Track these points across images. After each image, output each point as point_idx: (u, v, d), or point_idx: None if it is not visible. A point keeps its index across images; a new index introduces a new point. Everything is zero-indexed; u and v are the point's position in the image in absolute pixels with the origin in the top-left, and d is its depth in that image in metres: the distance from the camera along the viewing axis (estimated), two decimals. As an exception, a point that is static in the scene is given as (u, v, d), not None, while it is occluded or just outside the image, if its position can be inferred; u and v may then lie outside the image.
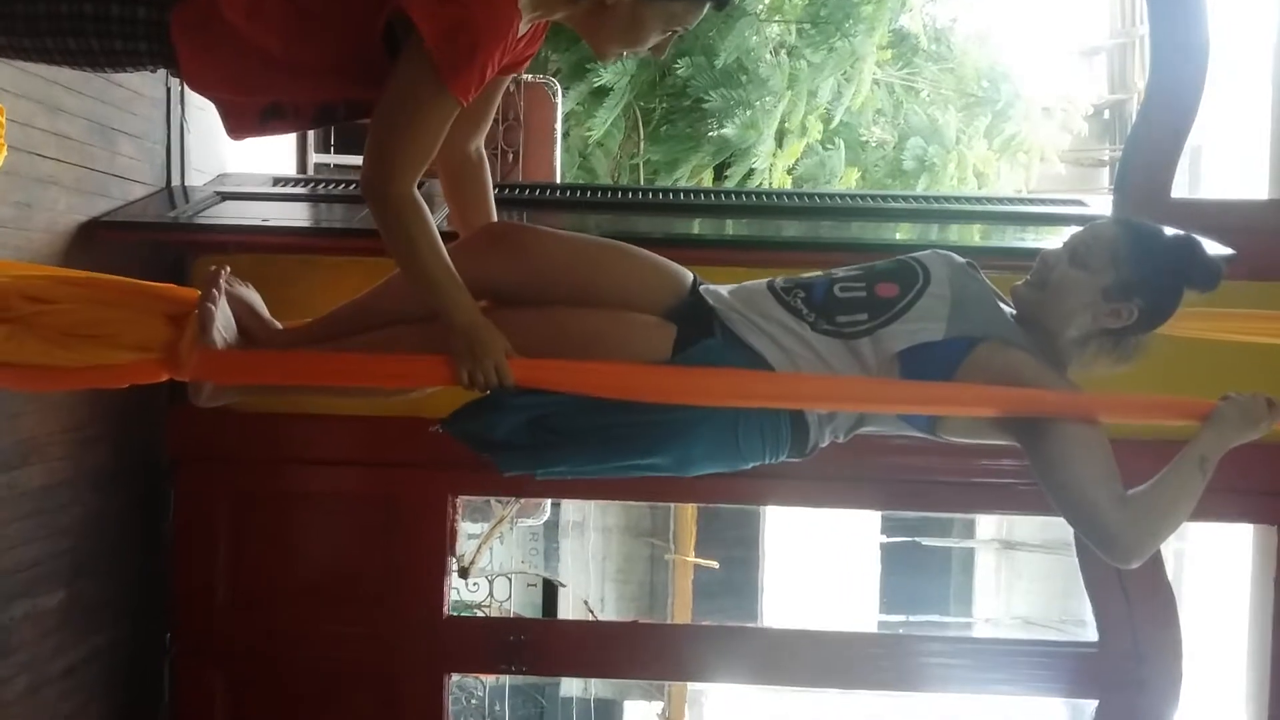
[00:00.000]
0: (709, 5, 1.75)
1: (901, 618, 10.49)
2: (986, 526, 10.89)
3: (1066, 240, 1.87)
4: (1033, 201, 4.21)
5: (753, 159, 6.82)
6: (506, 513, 5.40)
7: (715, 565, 8.84)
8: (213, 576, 3.43)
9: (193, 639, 3.43)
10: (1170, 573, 3.49)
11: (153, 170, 3.53)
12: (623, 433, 1.81)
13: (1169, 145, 3.32)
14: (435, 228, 1.71)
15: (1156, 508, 1.68)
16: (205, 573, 3.42)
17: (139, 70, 1.80)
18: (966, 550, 11.13)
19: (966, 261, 1.90)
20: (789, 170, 7.15)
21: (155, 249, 3.25)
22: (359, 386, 1.97)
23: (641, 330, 1.83)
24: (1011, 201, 4.47)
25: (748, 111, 6.72)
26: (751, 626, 7.89)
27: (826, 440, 1.89)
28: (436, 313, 1.74)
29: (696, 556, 8.77)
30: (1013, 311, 1.88)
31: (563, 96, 5.62)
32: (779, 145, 6.96)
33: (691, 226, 3.77)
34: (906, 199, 4.15)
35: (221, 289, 1.86)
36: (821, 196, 4.06)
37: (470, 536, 5.68)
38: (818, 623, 7.47)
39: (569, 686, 9.06)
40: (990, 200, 4.33)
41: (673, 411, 1.78)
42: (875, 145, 7.74)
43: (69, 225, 3.00)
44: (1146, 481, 1.72)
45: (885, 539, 10.44)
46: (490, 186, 2.03)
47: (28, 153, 2.75)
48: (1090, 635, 3.48)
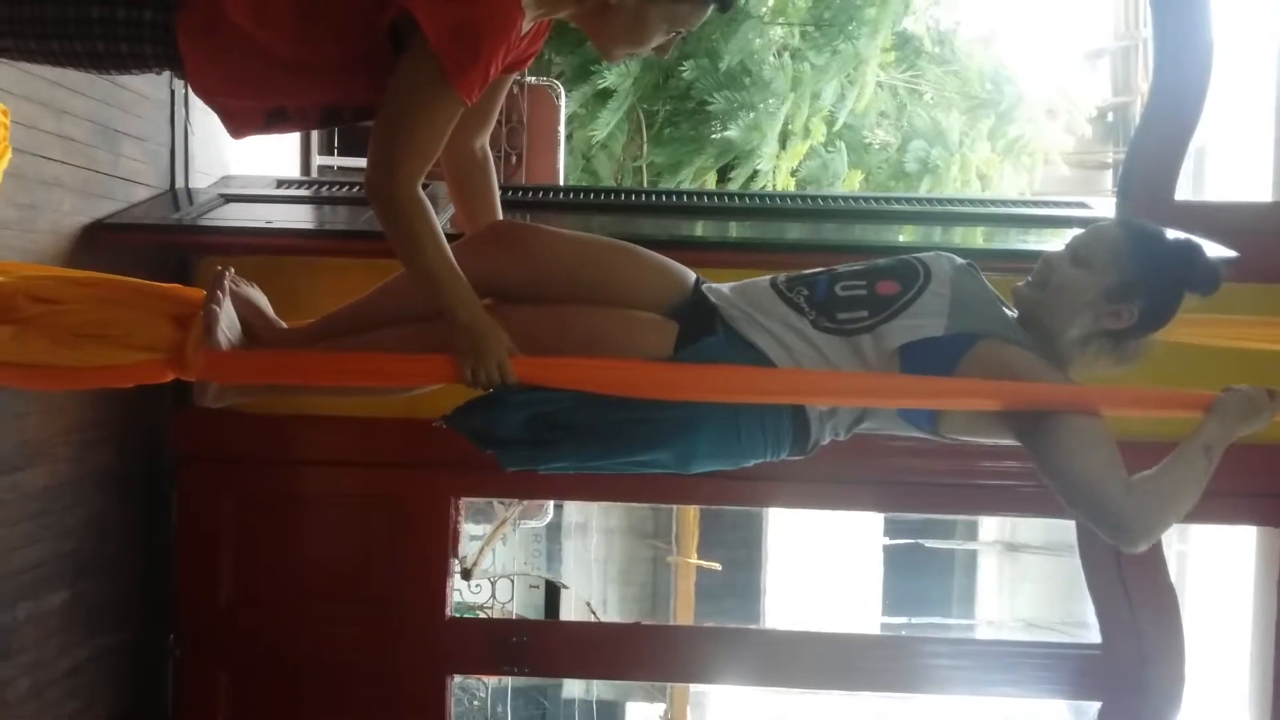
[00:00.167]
0: (713, 6, 1.76)
1: (904, 620, 10.49)
2: (989, 529, 10.88)
3: (1069, 242, 1.88)
4: (1036, 204, 4.21)
5: (756, 161, 6.82)
6: (509, 514, 5.40)
7: (718, 567, 8.84)
8: (216, 577, 3.43)
9: (196, 639, 3.44)
10: (1173, 575, 3.49)
11: (157, 172, 3.53)
12: (625, 429, 1.81)
13: (1173, 148, 3.32)
14: (439, 226, 1.72)
15: (1162, 491, 1.68)
16: (208, 574, 3.43)
17: (144, 73, 1.81)
18: (969, 552, 11.13)
19: (967, 263, 1.91)
20: (792, 172, 7.15)
21: (159, 251, 3.26)
22: (363, 386, 1.98)
23: (644, 328, 1.83)
24: (1015, 204, 4.46)
25: (751, 114, 6.72)
26: (754, 628, 7.88)
27: (828, 438, 1.89)
28: (440, 311, 1.75)
29: (699, 558, 8.77)
30: (1014, 314, 1.89)
31: (566, 99, 5.63)
32: (782, 147, 6.96)
33: (695, 229, 3.78)
34: (910, 201, 4.15)
35: (226, 289, 1.86)
36: (825, 199, 4.06)
37: (473, 538, 5.69)
38: (820, 624, 7.46)
39: (571, 688, 9.06)
40: (994, 202, 4.33)
41: (675, 408, 1.79)
42: (879, 147, 7.74)
43: (73, 227, 3.01)
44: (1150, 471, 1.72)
45: (888, 541, 10.44)
46: (495, 185, 2.03)
47: (32, 155, 2.76)
48: (1093, 637, 3.47)
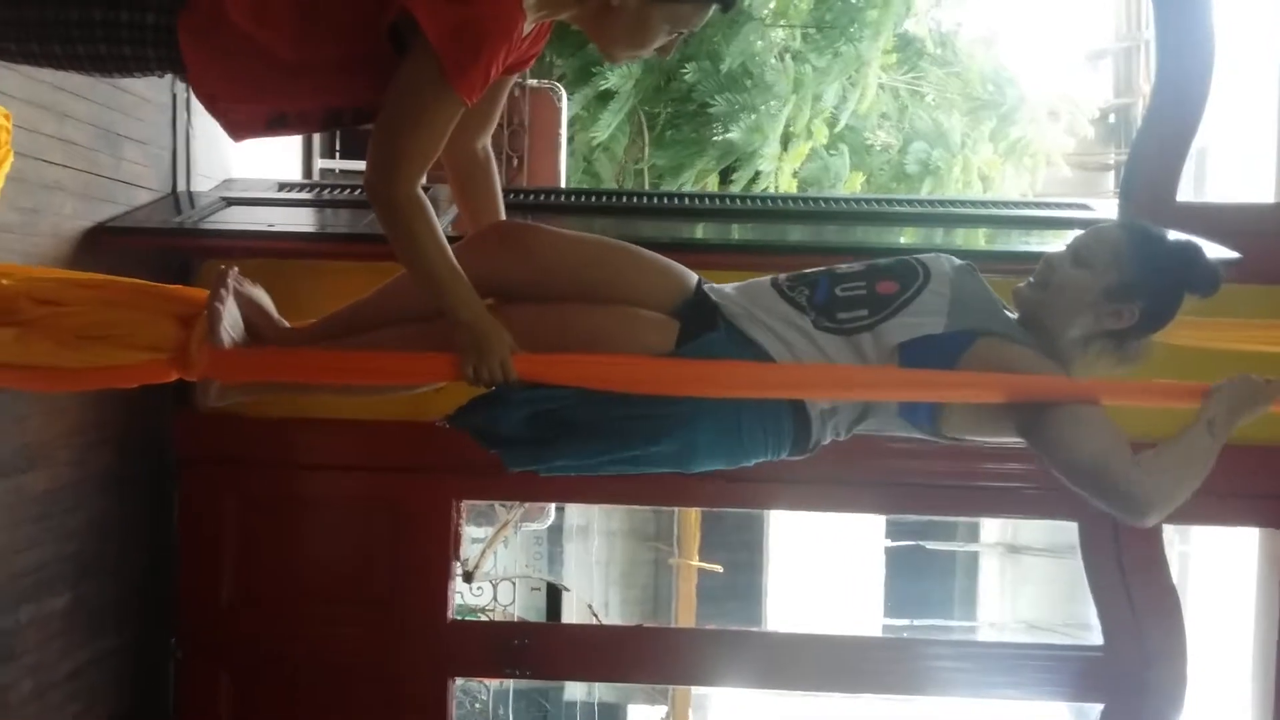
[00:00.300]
0: (714, 6, 1.76)
1: (906, 621, 10.48)
2: (991, 530, 10.87)
3: (1070, 243, 1.89)
4: (1038, 205, 4.21)
5: (758, 163, 6.82)
6: (511, 517, 5.40)
7: (719, 569, 8.83)
8: (218, 579, 3.44)
9: (198, 641, 3.44)
10: (1175, 576, 3.48)
11: (158, 176, 3.54)
12: (627, 425, 1.82)
13: (1175, 149, 3.32)
14: (439, 226, 1.72)
15: (1169, 464, 1.69)
16: (210, 576, 3.43)
17: (147, 76, 1.81)
18: (971, 554, 11.12)
19: (967, 263, 1.92)
20: (794, 174, 7.14)
21: (161, 254, 3.26)
22: (365, 384, 1.98)
23: (645, 325, 1.84)
24: (1017, 205, 4.46)
25: (753, 116, 6.72)
26: (755, 631, 7.88)
27: (829, 437, 1.90)
28: (442, 311, 1.75)
29: (700, 560, 8.76)
30: (1015, 315, 1.89)
31: (567, 101, 5.62)
32: (784, 149, 6.95)
33: (696, 231, 3.78)
34: (911, 203, 4.15)
35: (230, 288, 1.87)
36: (826, 200, 4.06)
37: (474, 541, 5.69)
38: (822, 627, 7.46)
39: (573, 690, 9.06)
40: (995, 204, 4.32)
41: (676, 404, 1.80)
42: (880, 149, 7.74)
43: (75, 231, 3.01)
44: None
45: (890, 543, 10.43)
46: (498, 185, 2.04)
47: (34, 158, 2.76)
48: (1095, 639, 3.47)
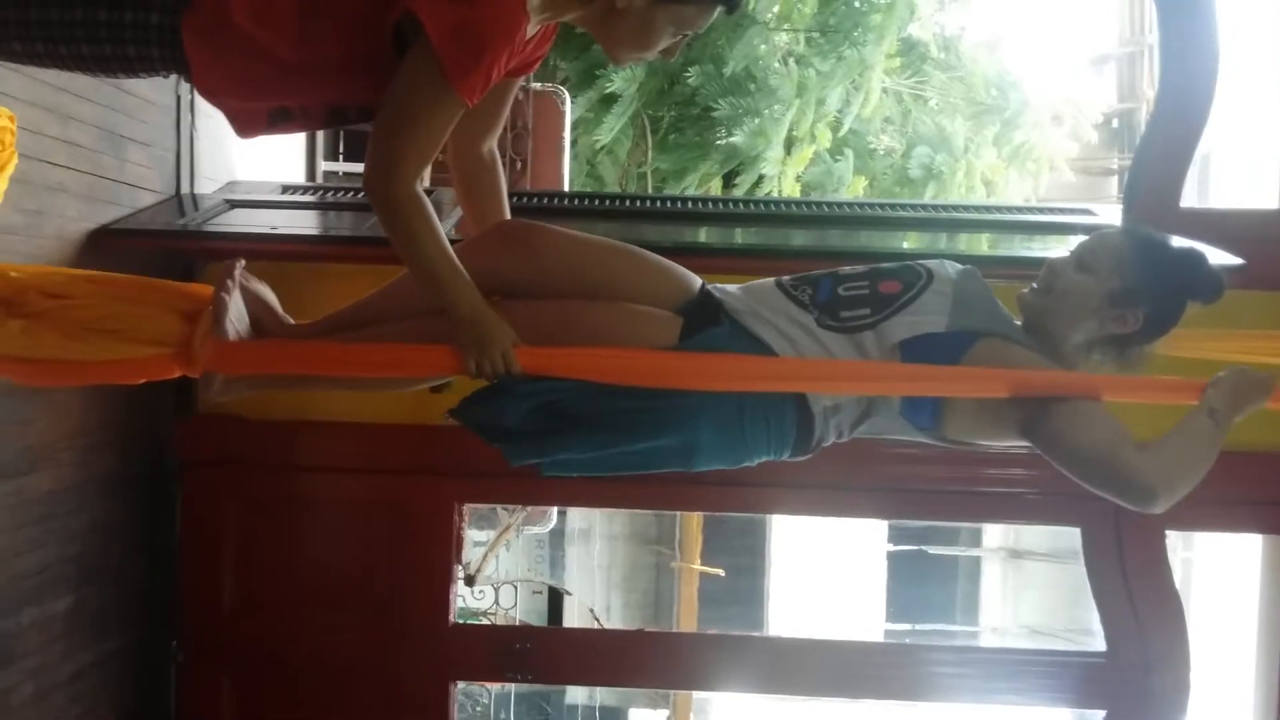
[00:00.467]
0: (719, 8, 1.76)
1: (908, 626, 10.46)
2: (993, 535, 10.85)
3: (1073, 248, 1.90)
4: (1041, 210, 4.21)
5: (761, 167, 6.82)
6: (513, 520, 5.40)
7: (721, 573, 8.83)
8: (219, 582, 3.43)
9: (199, 644, 3.44)
10: (1178, 582, 3.48)
11: (162, 178, 3.54)
12: (629, 418, 1.82)
13: (1179, 154, 3.31)
14: (438, 223, 1.73)
15: (1174, 451, 1.69)
16: (212, 579, 3.43)
17: (151, 76, 1.81)
18: (973, 559, 11.10)
19: (970, 268, 1.93)
20: (797, 178, 7.14)
21: (164, 256, 3.26)
22: (368, 377, 1.98)
23: (649, 320, 1.85)
24: (1020, 210, 4.47)
25: (756, 120, 6.72)
26: (757, 635, 7.87)
27: (831, 436, 1.90)
28: (442, 306, 1.76)
29: (702, 564, 8.76)
30: (1018, 321, 1.90)
31: (571, 104, 5.63)
32: (787, 153, 6.95)
33: (699, 235, 3.78)
34: (915, 208, 4.15)
35: (236, 280, 1.87)
36: (830, 205, 4.06)
37: (476, 544, 5.69)
38: (823, 631, 7.45)
39: (574, 694, 9.05)
40: (999, 209, 4.33)
41: (680, 396, 1.80)
42: (883, 153, 7.74)
43: (79, 233, 3.01)
44: None
45: (891, 547, 10.42)
46: (503, 187, 2.04)
47: (38, 160, 2.76)
48: (1098, 645, 3.47)
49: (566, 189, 5.50)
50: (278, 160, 4.84)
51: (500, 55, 1.65)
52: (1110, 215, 3.81)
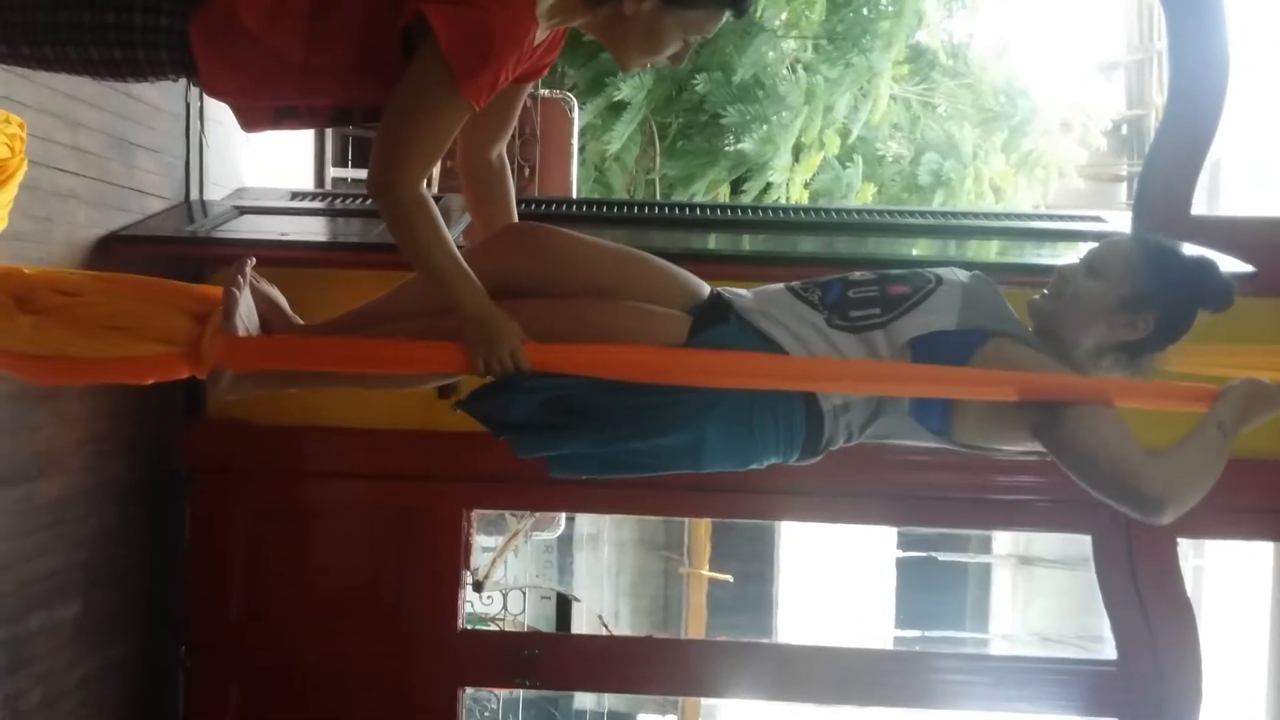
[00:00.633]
0: (728, 12, 1.76)
1: (917, 633, 10.43)
2: (1003, 542, 10.83)
3: (1083, 255, 1.90)
4: (1050, 217, 4.20)
5: (769, 174, 6.81)
6: (521, 526, 5.39)
7: (729, 579, 8.82)
8: (227, 589, 3.43)
9: (207, 651, 3.44)
10: (1189, 590, 3.46)
11: (171, 184, 3.55)
12: (638, 413, 1.82)
13: (1188, 161, 3.30)
14: (443, 223, 1.73)
15: (1181, 461, 1.68)
16: (220, 585, 3.43)
17: (160, 80, 1.81)
18: (983, 565, 11.07)
19: (980, 273, 1.93)
20: (806, 185, 7.14)
21: (173, 263, 3.27)
22: (376, 375, 1.98)
23: (657, 318, 1.85)
24: (1029, 217, 4.45)
25: (764, 126, 6.71)
26: (766, 642, 7.86)
27: (840, 437, 1.89)
28: (449, 306, 1.76)
29: (711, 570, 8.75)
30: (1030, 328, 1.89)
31: (579, 111, 5.64)
32: (796, 160, 6.95)
33: (708, 241, 3.78)
34: (924, 215, 4.14)
35: (247, 277, 1.88)
36: (838, 212, 4.06)
37: (485, 550, 5.68)
38: (833, 638, 7.43)
39: (583, 699, 9.05)
40: (1007, 216, 4.33)
41: (689, 393, 1.79)
42: (892, 160, 7.73)
43: (88, 239, 3.02)
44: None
45: (901, 554, 10.40)
46: (512, 193, 2.04)
47: (48, 167, 2.77)
48: (1109, 652, 3.45)
49: (575, 195, 5.50)
50: (286, 166, 4.85)
51: (508, 60, 1.66)
52: (1120, 222, 3.80)
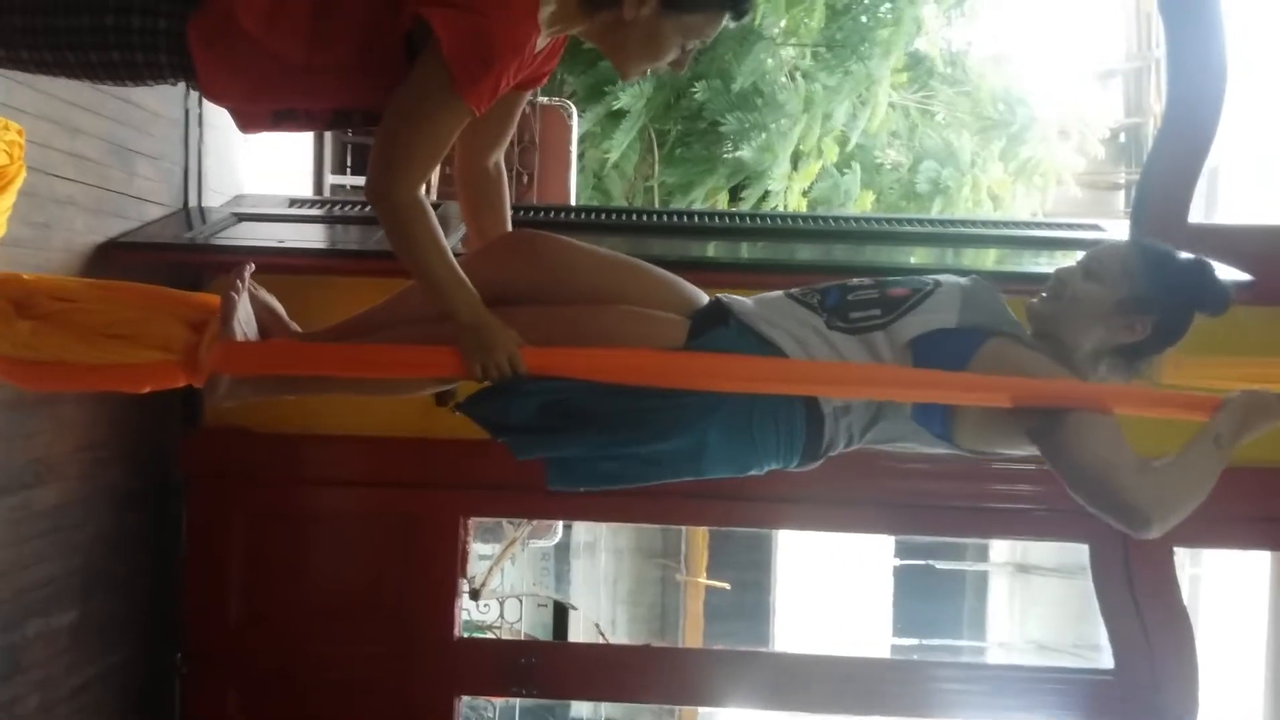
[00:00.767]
0: (727, 16, 1.76)
1: (914, 641, 10.42)
2: (1000, 550, 10.81)
3: (1080, 259, 1.90)
4: (1048, 225, 4.21)
5: (768, 182, 6.82)
6: (518, 534, 5.38)
7: (727, 587, 8.80)
8: (224, 596, 3.43)
9: (205, 657, 3.44)
10: (1186, 599, 3.46)
11: (170, 191, 3.55)
12: (636, 417, 1.81)
13: (1186, 170, 3.31)
14: (439, 229, 1.73)
15: (1173, 476, 1.68)
16: (217, 592, 3.43)
17: (159, 83, 1.81)
18: (980, 574, 11.05)
19: (979, 277, 1.93)
20: (804, 193, 7.14)
21: (172, 270, 3.27)
22: (373, 380, 1.98)
23: (656, 323, 1.85)
24: (1027, 225, 4.45)
25: (763, 134, 6.72)
26: (763, 651, 7.84)
27: (841, 441, 1.88)
28: (445, 313, 1.76)
29: (708, 578, 8.73)
30: (1029, 331, 1.90)
31: (579, 119, 5.64)
32: (794, 168, 6.95)
33: (706, 249, 3.78)
34: (922, 222, 4.15)
35: (246, 281, 1.88)
36: (836, 219, 4.05)
37: (482, 558, 5.67)
38: (830, 646, 7.43)
39: (579, 708, 9.01)
40: (1006, 224, 4.31)
41: (688, 397, 1.79)
42: (890, 168, 7.73)
43: (86, 246, 3.02)
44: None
45: (898, 562, 10.38)
46: (508, 203, 2.05)
47: (46, 174, 2.77)
48: (1106, 660, 3.45)
49: (573, 203, 5.51)
50: (285, 173, 4.85)
51: (509, 65, 1.66)
52: (1118, 230, 3.81)
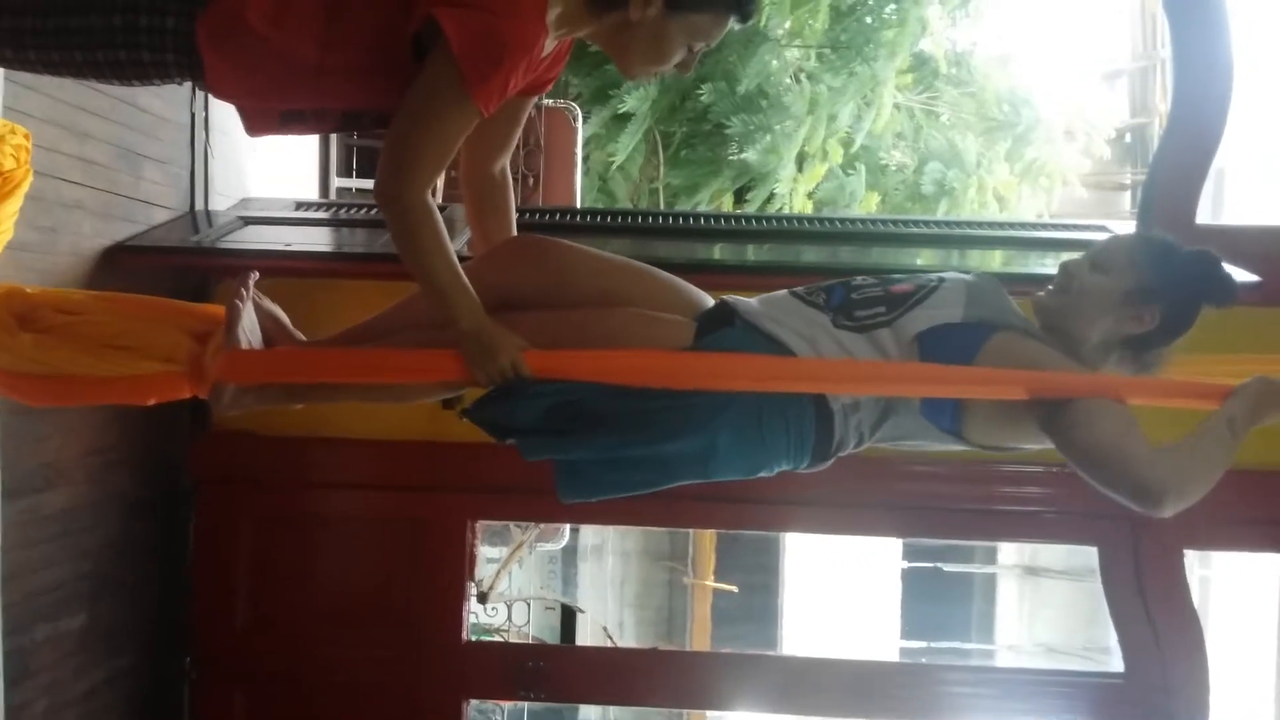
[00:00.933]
0: (732, 18, 1.76)
1: (923, 644, 10.39)
2: (1008, 552, 10.78)
3: (1086, 252, 1.91)
4: (1054, 226, 4.20)
5: (773, 183, 6.82)
6: (526, 537, 5.39)
7: (734, 590, 8.80)
8: (233, 600, 3.43)
9: (213, 662, 3.43)
10: (1196, 601, 3.44)
11: (177, 195, 3.56)
12: (644, 418, 1.81)
13: (1193, 170, 3.30)
14: (445, 234, 1.73)
15: (1186, 456, 1.68)
16: (225, 596, 3.43)
17: (166, 83, 1.81)
18: (989, 576, 11.03)
19: (982, 273, 1.95)
20: (809, 194, 7.14)
21: (179, 273, 3.27)
22: (379, 387, 1.98)
23: (663, 325, 1.85)
24: (1032, 226, 4.45)
25: (768, 136, 6.72)
26: (771, 655, 7.83)
27: (852, 439, 1.88)
28: (446, 318, 1.77)
29: (715, 581, 8.73)
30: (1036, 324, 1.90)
31: (584, 121, 5.64)
32: (799, 169, 6.95)
33: (712, 251, 3.78)
34: (927, 224, 4.14)
35: (250, 289, 1.88)
36: (841, 221, 4.05)
37: (489, 561, 5.68)
38: (838, 649, 7.42)
39: (588, 711, 9.01)
40: (1011, 225, 4.31)
41: (697, 397, 1.79)
42: (895, 169, 7.73)
43: (93, 249, 3.03)
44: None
45: (906, 564, 10.36)
46: (513, 207, 2.05)
47: (53, 177, 2.78)
48: (1115, 663, 3.43)
49: (579, 205, 5.51)
50: (291, 177, 4.86)
51: (518, 65, 1.66)
52: (1124, 231, 3.80)
